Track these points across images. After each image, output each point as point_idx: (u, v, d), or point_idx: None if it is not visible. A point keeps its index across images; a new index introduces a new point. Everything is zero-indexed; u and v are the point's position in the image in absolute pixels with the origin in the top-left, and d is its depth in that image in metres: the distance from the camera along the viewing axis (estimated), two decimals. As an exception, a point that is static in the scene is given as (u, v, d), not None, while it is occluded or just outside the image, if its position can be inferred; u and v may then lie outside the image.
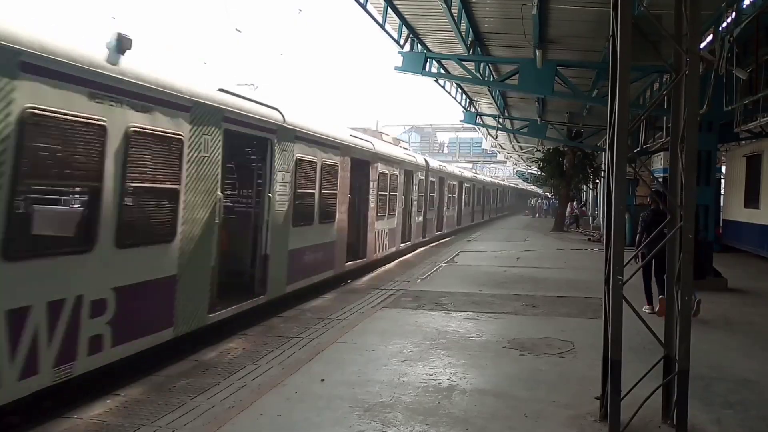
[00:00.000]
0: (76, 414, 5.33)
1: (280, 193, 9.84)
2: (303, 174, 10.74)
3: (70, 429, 5.04)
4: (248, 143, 9.45)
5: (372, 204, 15.25)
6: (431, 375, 6.50)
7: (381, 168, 15.80)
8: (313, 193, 11.32)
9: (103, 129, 5.89)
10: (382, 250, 16.78)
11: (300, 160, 10.58)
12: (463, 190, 32.10)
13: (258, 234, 9.47)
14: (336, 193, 12.53)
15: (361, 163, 14.33)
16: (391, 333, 8.35)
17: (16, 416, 5.14)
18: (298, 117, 10.73)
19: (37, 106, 5.12)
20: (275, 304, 9.88)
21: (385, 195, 16.49)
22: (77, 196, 6.43)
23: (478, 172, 50.61)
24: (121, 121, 6.14)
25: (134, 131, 6.31)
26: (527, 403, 5.71)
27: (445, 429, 5.08)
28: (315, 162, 11.37)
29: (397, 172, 17.52)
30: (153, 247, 6.75)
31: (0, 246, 4.81)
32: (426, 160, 22.82)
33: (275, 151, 9.64)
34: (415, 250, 21.23)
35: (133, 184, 6.33)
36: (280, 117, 9.83)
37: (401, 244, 18.90)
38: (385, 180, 16.28)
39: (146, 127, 6.51)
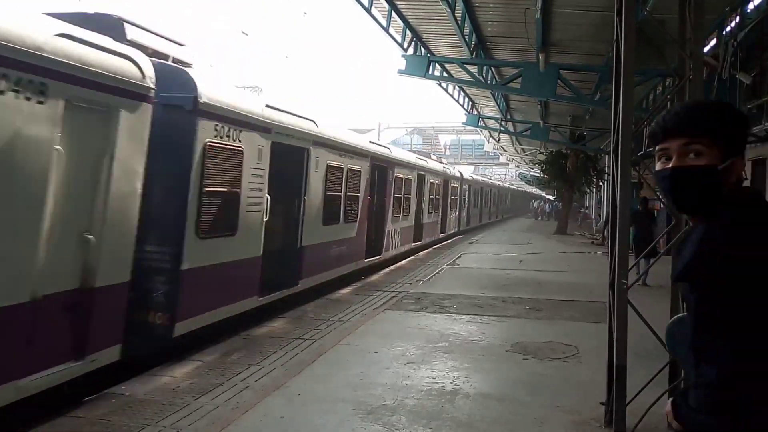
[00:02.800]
0: (81, 413, 5.33)
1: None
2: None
3: (75, 428, 5.04)
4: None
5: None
6: (434, 378, 6.49)
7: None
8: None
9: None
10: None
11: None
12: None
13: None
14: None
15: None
16: (394, 335, 8.35)
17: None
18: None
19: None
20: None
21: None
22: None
23: (486, 176, 52.14)
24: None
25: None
26: (531, 407, 5.70)
27: (448, 433, 5.08)
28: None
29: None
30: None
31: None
32: (461, 172, 30.41)
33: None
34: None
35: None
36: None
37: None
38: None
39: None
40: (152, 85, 6.49)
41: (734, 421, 1.47)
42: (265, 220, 9.18)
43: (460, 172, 30.13)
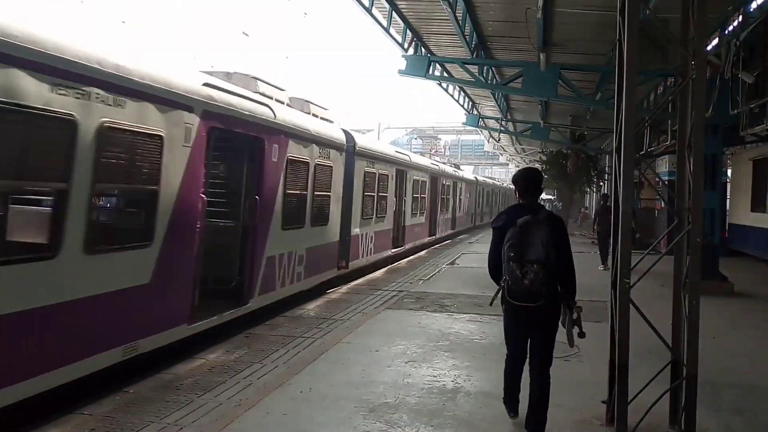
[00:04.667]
0: (86, 410, 5.35)
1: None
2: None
3: (80, 425, 5.05)
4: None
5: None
6: (435, 377, 6.51)
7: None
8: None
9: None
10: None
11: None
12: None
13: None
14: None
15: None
16: (395, 334, 8.37)
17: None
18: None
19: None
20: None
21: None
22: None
23: (491, 177, 52.98)
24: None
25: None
26: (532, 405, 5.71)
27: (450, 431, 5.10)
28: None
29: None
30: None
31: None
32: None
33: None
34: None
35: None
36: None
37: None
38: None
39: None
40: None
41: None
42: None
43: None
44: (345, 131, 13.47)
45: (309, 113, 11.80)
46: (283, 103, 10.50)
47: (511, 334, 5.22)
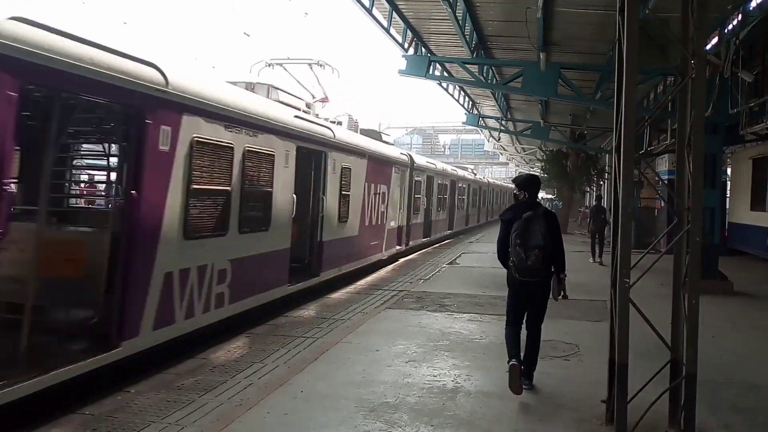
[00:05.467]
0: (88, 410, 5.38)
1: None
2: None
3: (82, 424, 5.08)
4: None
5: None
6: (435, 376, 6.52)
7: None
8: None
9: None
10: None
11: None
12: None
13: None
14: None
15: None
16: (395, 334, 8.38)
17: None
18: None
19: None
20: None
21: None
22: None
23: (491, 179, 54.20)
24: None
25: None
26: (532, 405, 5.73)
27: (450, 430, 5.11)
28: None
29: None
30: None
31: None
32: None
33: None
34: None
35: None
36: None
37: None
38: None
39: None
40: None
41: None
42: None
43: (409, 155, 20.29)
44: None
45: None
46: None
47: (513, 307, 6.36)
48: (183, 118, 7.08)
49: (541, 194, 72.75)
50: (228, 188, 8.12)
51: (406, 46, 15.65)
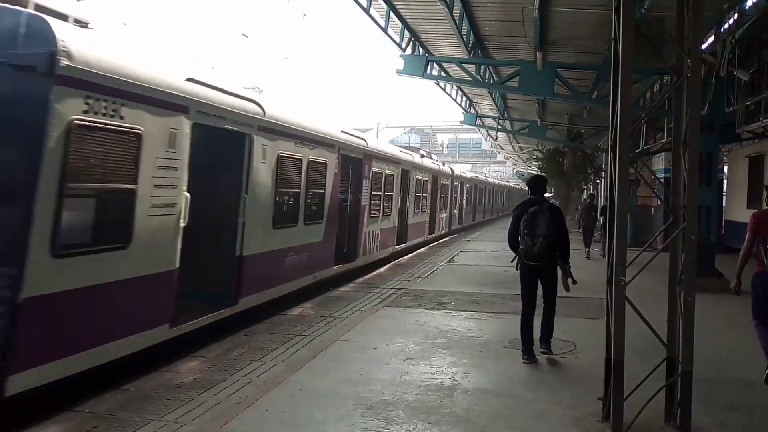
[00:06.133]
0: (87, 408, 5.39)
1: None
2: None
3: (81, 422, 5.10)
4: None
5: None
6: (433, 374, 6.54)
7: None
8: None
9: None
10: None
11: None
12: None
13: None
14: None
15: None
16: (393, 332, 8.41)
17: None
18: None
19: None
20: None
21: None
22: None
23: (487, 176, 55.01)
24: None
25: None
26: (529, 403, 5.76)
27: (447, 428, 5.13)
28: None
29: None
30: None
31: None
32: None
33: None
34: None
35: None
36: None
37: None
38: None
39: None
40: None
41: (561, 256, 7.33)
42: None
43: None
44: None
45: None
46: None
47: (525, 289, 7.42)
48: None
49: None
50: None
51: (403, 45, 15.68)
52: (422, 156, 22.76)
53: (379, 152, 15.90)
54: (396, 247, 18.42)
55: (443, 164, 27.25)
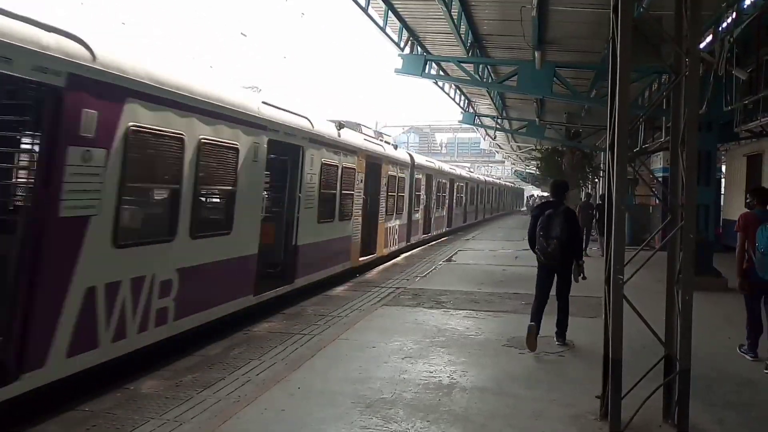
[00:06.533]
0: (87, 407, 5.41)
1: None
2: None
3: (81, 421, 5.11)
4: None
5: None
6: (431, 372, 6.56)
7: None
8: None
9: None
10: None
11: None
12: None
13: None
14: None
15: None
16: (392, 330, 8.42)
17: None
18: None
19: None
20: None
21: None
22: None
23: (487, 175, 55.17)
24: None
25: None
26: (527, 401, 5.77)
27: (445, 426, 5.14)
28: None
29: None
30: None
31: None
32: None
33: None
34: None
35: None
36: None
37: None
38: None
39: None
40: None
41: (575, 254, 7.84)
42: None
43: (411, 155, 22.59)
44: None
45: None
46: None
47: (539, 284, 8.08)
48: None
49: (537, 192, 72.00)
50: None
51: (402, 45, 15.67)
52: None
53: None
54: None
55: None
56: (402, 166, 19.07)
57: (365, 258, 15.14)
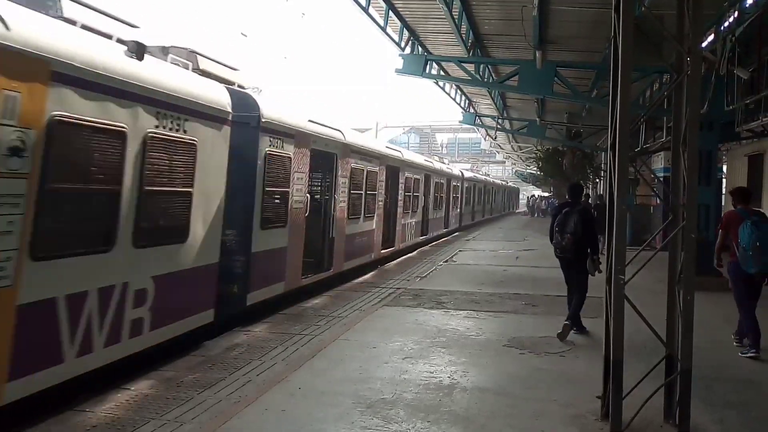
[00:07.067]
0: (88, 408, 5.39)
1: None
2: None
3: (82, 422, 5.09)
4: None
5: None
6: (432, 373, 6.55)
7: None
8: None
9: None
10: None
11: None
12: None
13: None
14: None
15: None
16: (392, 331, 8.41)
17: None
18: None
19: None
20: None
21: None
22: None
23: (487, 174, 54.79)
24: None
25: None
26: (528, 401, 5.76)
27: (446, 426, 5.13)
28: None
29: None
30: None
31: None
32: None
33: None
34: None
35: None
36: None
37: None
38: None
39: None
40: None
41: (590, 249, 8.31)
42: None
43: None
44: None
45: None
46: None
47: (565, 276, 8.98)
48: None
49: (538, 192, 71.85)
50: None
51: (402, 45, 15.66)
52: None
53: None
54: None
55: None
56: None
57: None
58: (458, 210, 31.29)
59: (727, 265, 8.01)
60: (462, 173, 33.25)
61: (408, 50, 15.98)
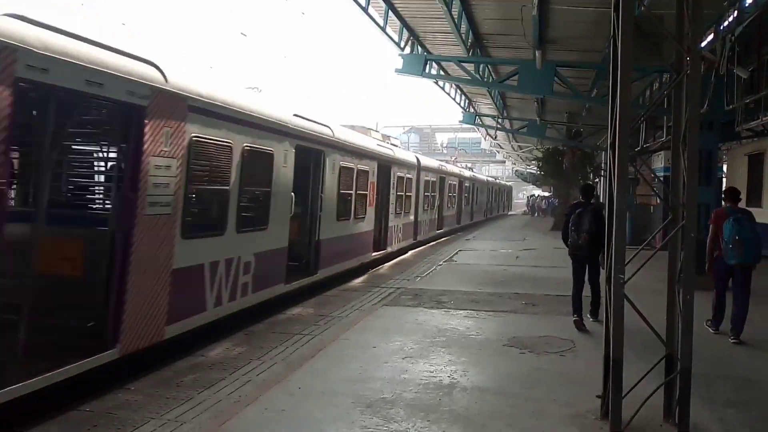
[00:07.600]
0: (88, 407, 5.39)
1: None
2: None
3: (82, 421, 5.09)
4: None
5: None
6: (432, 372, 6.55)
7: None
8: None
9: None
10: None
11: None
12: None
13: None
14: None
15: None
16: (392, 330, 8.41)
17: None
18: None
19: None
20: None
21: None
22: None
23: (489, 176, 55.11)
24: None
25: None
26: (528, 401, 5.76)
27: (446, 426, 5.13)
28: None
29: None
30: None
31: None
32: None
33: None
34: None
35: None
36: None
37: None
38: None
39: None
40: None
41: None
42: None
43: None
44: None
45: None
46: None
47: (574, 275, 9.20)
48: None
49: (538, 191, 72.09)
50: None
51: (402, 44, 15.68)
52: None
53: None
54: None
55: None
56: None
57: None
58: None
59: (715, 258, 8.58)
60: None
61: (408, 50, 16.00)
